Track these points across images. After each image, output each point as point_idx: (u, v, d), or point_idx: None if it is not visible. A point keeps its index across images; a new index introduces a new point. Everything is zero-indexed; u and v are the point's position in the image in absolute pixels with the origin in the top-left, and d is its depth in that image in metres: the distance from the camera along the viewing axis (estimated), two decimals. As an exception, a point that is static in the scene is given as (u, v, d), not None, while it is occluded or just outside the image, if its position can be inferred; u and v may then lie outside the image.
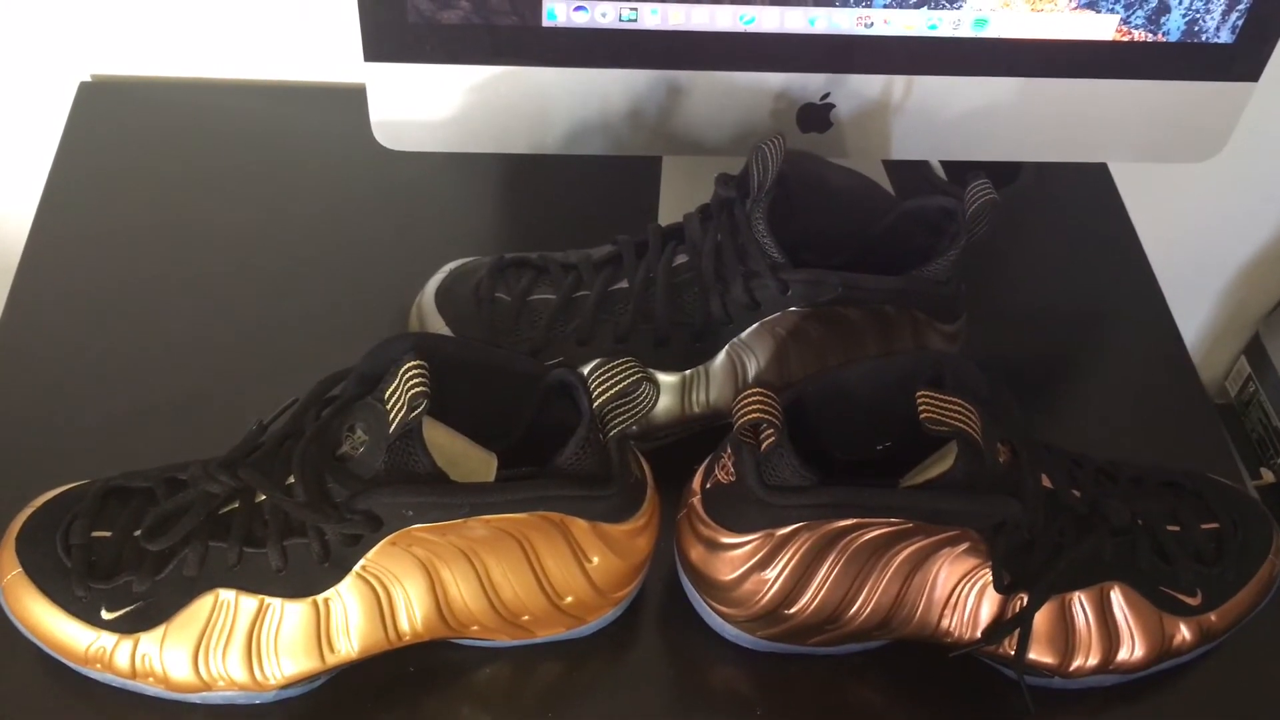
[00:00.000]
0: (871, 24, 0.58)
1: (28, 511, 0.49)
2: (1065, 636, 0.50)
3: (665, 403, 0.57)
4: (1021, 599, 0.49)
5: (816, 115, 0.62)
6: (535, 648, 0.52)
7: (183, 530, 0.46)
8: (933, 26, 0.59)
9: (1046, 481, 0.49)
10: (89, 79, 0.77)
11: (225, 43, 0.76)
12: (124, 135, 0.73)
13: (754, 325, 0.56)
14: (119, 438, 0.58)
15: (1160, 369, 0.68)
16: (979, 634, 0.49)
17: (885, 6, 0.58)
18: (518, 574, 0.48)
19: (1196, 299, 1.06)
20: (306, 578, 0.46)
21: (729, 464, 0.48)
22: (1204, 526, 0.53)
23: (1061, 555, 0.49)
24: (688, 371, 0.57)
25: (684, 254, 0.57)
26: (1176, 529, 0.52)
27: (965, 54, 0.60)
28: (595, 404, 0.46)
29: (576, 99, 0.60)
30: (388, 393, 0.44)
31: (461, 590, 0.47)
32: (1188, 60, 0.61)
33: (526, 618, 0.49)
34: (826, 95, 0.62)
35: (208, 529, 0.47)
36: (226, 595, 0.46)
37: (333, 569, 0.46)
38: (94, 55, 0.76)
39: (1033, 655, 0.50)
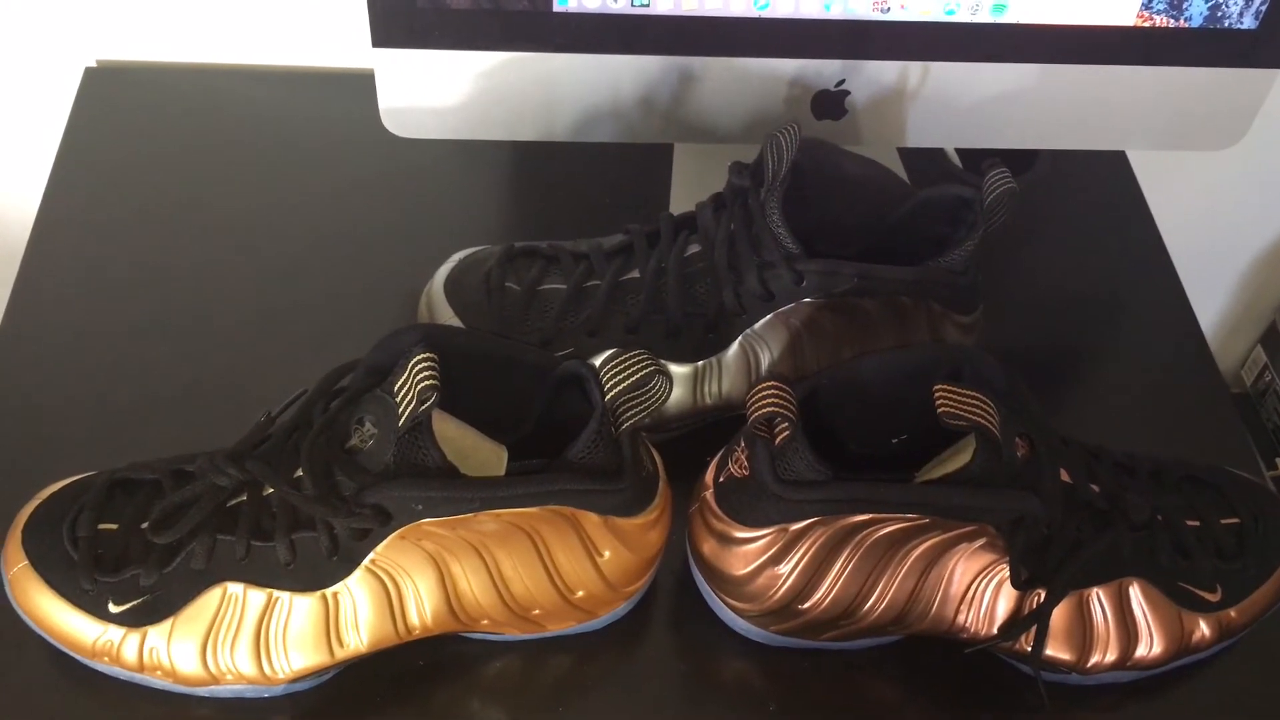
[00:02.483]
0: (888, 9, 0.57)
1: (34, 504, 0.49)
2: (1083, 633, 0.49)
3: (677, 394, 0.56)
4: (1039, 595, 0.48)
5: (831, 102, 0.62)
6: (546, 642, 0.52)
7: (190, 523, 0.46)
8: (950, 11, 0.58)
9: (1065, 476, 0.49)
10: (94, 64, 0.77)
11: (232, 28, 0.76)
12: (130, 121, 0.73)
13: (768, 316, 0.55)
14: (125, 429, 0.57)
15: (1178, 359, 0.67)
16: (995, 630, 0.49)
17: (902, -9, 0.57)
18: (528, 568, 0.47)
19: (1213, 288, 1.05)
20: (315, 571, 0.46)
21: (742, 458, 0.48)
22: (1224, 521, 0.52)
23: (1080, 551, 0.48)
24: (700, 363, 0.56)
25: (696, 243, 0.56)
26: (1196, 524, 0.52)
27: (983, 40, 0.59)
28: (607, 397, 0.45)
29: (587, 86, 0.60)
30: (397, 385, 0.44)
31: (471, 584, 0.47)
32: (1210, 46, 0.60)
33: (537, 612, 0.49)
34: (841, 82, 0.61)
35: (215, 522, 0.46)
36: (235, 589, 0.46)
37: (342, 563, 0.46)
38: (100, 40, 0.76)
39: (1050, 651, 0.50)
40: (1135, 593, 0.50)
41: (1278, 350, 1.09)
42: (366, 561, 0.46)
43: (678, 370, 0.56)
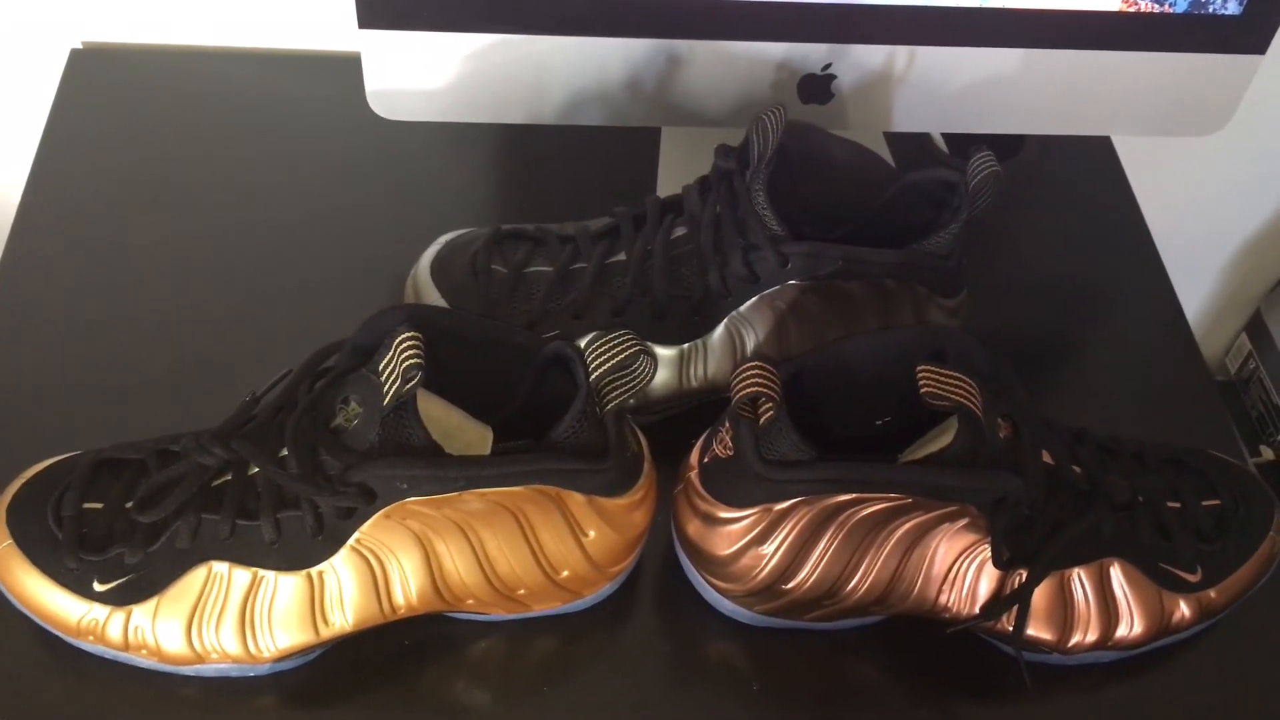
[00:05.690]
0: (874, -7, 0.57)
1: (18, 483, 0.49)
2: (1064, 613, 0.50)
3: (662, 376, 0.56)
4: (1020, 575, 0.49)
5: (817, 86, 0.62)
6: (530, 622, 0.52)
7: (175, 502, 0.46)
8: (936, -4, 0.58)
9: (1047, 457, 0.49)
10: (80, 46, 0.76)
11: (218, 9, 0.75)
12: (116, 104, 0.72)
13: (753, 299, 0.55)
14: (110, 409, 0.57)
15: (1162, 345, 0.68)
16: (977, 610, 0.49)
17: (888, -25, 0.57)
18: (513, 548, 0.47)
19: (1198, 275, 1.06)
20: (300, 550, 0.46)
21: (727, 438, 0.48)
22: (1205, 503, 0.53)
23: (1061, 531, 0.48)
24: (685, 345, 0.56)
25: (682, 226, 0.56)
26: (1177, 505, 0.52)
27: (969, 24, 0.59)
28: (592, 377, 0.46)
29: (574, 68, 0.59)
30: (382, 364, 0.44)
31: (456, 564, 0.47)
32: (1194, 32, 0.60)
33: (522, 592, 0.49)
34: (828, 66, 0.61)
35: (200, 501, 0.46)
36: (220, 568, 0.46)
37: (326, 542, 0.46)
38: (85, 22, 0.75)
39: (1031, 631, 0.50)
40: (1116, 573, 0.50)
41: (1262, 338, 1.09)
42: (351, 541, 0.46)
43: (663, 353, 0.56)
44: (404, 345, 0.43)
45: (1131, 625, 0.51)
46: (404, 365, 0.43)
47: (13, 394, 0.58)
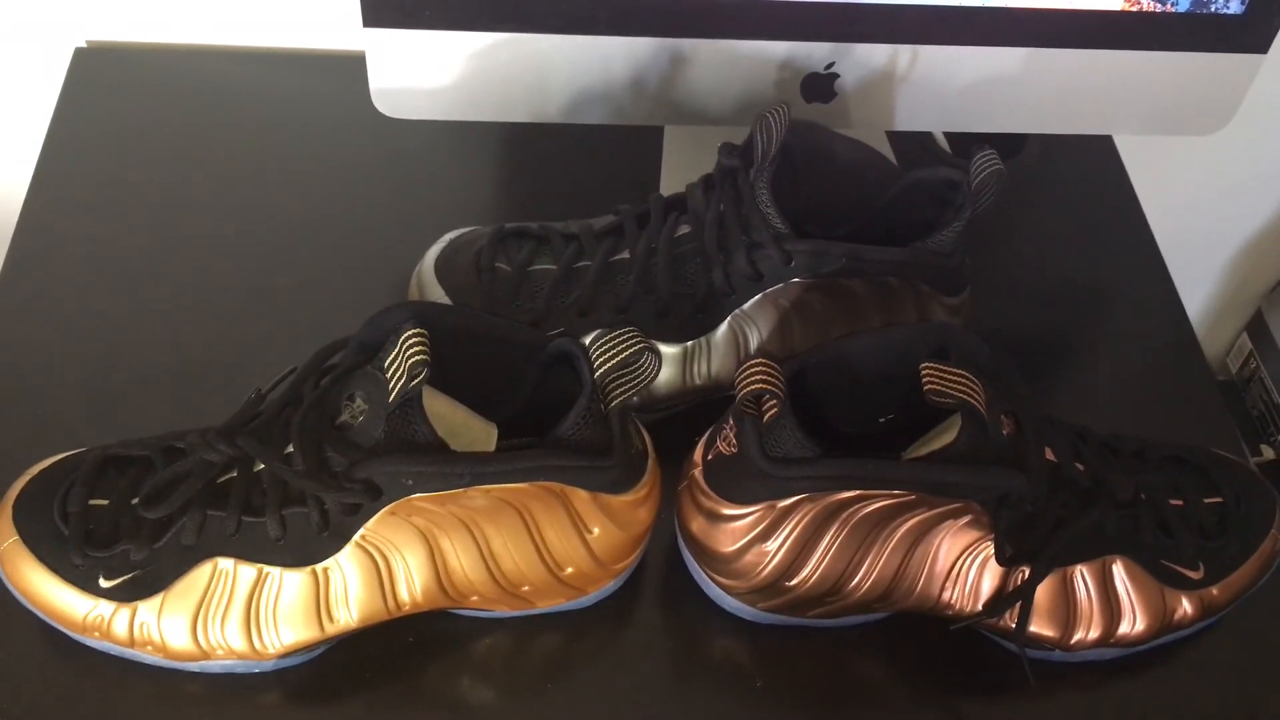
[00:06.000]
0: (877, -8, 0.58)
1: (24, 479, 0.49)
2: (1067, 610, 0.50)
3: (666, 374, 0.57)
4: (1023, 572, 0.49)
5: (821, 85, 0.62)
6: (535, 619, 0.52)
7: (181, 498, 0.46)
8: (939, -5, 0.58)
9: (1050, 454, 0.49)
10: (84, 45, 0.77)
11: (223, 8, 0.76)
12: (120, 102, 0.72)
13: (756, 296, 0.55)
14: (116, 406, 0.57)
15: (1163, 344, 0.68)
16: (980, 607, 0.49)
17: (892, -26, 0.57)
18: (518, 544, 0.47)
19: (1199, 275, 1.06)
20: (305, 547, 0.46)
21: (731, 435, 0.48)
22: (1207, 500, 0.53)
23: (1064, 528, 0.49)
24: (689, 343, 0.56)
25: (686, 224, 0.56)
26: (1179, 503, 0.52)
27: (972, 23, 0.59)
28: (596, 374, 0.46)
29: (578, 67, 0.60)
30: (387, 361, 0.44)
31: (461, 560, 0.47)
32: (1196, 31, 0.61)
33: (526, 588, 0.49)
34: (831, 65, 0.61)
35: (206, 497, 0.46)
36: (225, 564, 0.46)
37: (332, 538, 0.46)
38: (89, 21, 0.76)
39: (1034, 628, 0.50)
40: (1119, 570, 0.50)
41: (1263, 337, 1.10)
42: (356, 537, 0.46)
43: (667, 350, 0.56)
44: (410, 342, 0.43)
45: (1134, 622, 0.51)
46: (409, 362, 0.43)
47: (18, 391, 0.58)
